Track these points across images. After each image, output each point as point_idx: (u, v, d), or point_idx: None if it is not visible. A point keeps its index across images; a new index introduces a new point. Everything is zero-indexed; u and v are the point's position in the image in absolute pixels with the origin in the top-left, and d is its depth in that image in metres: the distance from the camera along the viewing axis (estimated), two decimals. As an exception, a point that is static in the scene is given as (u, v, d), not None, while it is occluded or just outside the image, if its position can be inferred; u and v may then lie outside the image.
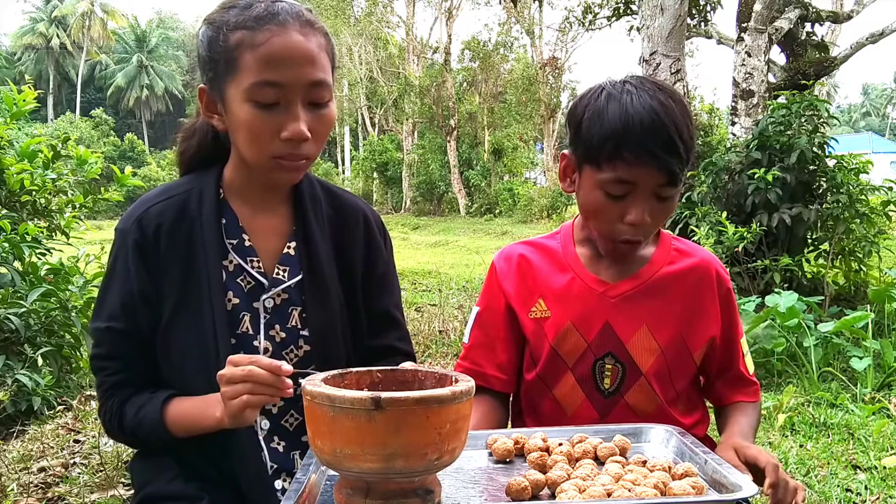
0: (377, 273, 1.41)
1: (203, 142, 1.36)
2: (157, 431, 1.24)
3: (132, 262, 1.25)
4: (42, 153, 4.01)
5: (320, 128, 1.22)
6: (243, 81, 1.17)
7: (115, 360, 1.27)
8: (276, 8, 1.18)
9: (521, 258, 1.47)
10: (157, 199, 1.29)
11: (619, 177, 1.26)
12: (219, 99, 1.23)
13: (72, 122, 37.42)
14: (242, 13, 1.18)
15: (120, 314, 1.25)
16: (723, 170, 5.55)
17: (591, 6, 12.72)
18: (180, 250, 1.26)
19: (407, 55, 30.25)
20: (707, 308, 1.41)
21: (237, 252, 1.30)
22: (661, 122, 1.24)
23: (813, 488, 2.67)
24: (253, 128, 1.18)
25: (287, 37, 1.16)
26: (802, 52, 8.65)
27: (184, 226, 1.27)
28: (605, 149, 1.26)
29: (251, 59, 1.16)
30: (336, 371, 0.99)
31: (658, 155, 1.24)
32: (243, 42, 1.16)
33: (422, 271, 9.68)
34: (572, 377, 1.40)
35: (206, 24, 1.23)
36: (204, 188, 1.30)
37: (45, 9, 49.82)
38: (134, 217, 1.27)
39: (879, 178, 5.71)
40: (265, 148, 1.20)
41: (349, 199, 1.43)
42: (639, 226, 1.29)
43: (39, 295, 3.52)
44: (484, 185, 26.97)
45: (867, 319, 4.19)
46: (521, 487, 0.99)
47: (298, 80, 1.17)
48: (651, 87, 1.29)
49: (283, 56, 1.16)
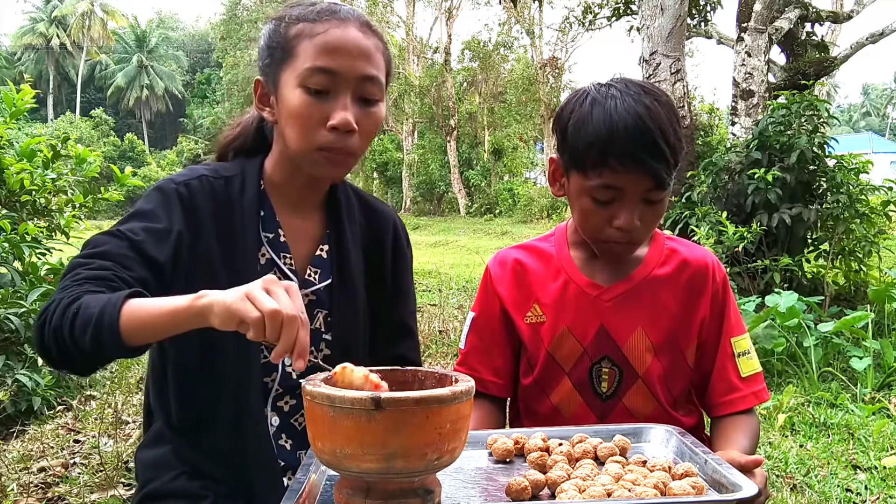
0: (399, 283, 1.43)
1: (245, 131, 1.37)
2: (103, 318, 0.99)
3: (175, 209, 1.20)
4: (42, 153, 4.01)
5: (368, 124, 1.23)
6: (298, 67, 1.19)
7: (107, 259, 1.10)
8: (339, 7, 1.24)
9: (515, 263, 1.46)
10: (208, 173, 1.28)
11: (605, 183, 1.25)
12: (272, 88, 1.25)
13: (72, 122, 37.43)
14: (306, 8, 1.23)
15: (140, 231, 1.15)
16: (723, 170, 5.55)
17: (591, 6, 12.71)
18: (222, 234, 1.24)
19: (407, 55, 30.23)
20: (698, 307, 1.39)
21: (271, 246, 1.30)
22: (646, 127, 1.22)
23: (813, 488, 2.67)
24: (302, 114, 1.20)
25: (345, 30, 1.20)
26: (802, 52, 8.65)
27: (226, 209, 1.26)
28: (590, 155, 1.25)
29: (308, 46, 1.19)
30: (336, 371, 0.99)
31: (644, 161, 1.22)
32: (303, 32, 1.21)
33: (422, 271, 9.67)
34: (569, 382, 1.39)
35: (268, 21, 1.28)
36: (247, 176, 1.30)
37: (45, 9, 49.81)
38: (184, 177, 1.25)
39: (879, 178, 5.71)
40: (312, 136, 1.20)
41: (381, 208, 1.45)
42: (628, 230, 1.28)
43: (39, 295, 3.52)
44: (484, 185, 26.97)
45: (867, 319, 4.19)
46: (521, 487, 0.99)
47: (351, 71, 1.19)
48: (636, 91, 1.27)
49: (339, 45, 1.19)
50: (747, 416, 1.38)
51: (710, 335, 1.40)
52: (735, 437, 1.32)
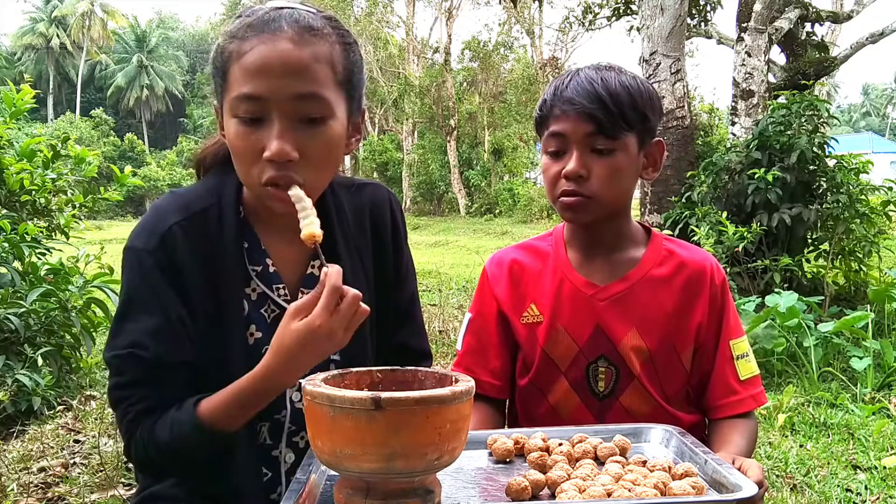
0: (399, 269, 1.35)
1: (218, 151, 1.26)
2: (200, 435, 1.09)
3: (162, 286, 1.13)
4: (42, 153, 4.01)
5: (314, 147, 1.09)
6: (230, 94, 1.09)
7: (140, 388, 1.13)
8: (274, 15, 1.10)
9: (512, 263, 1.46)
10: (178, 216, 1.16)
11: (551, 131, 1.34)
12: (220, 115, 1.15)
13: (72, 122, 37.41)
14: (241, 22, 1.11)
15: (149, 342, 1.11)
16: (723, 170, 5.55)
17: (591, 6, 12.71)
18: (206, 280, 1.16)
19: (407, 55, 30.24)
20: (695, 309, 1.39)
21: (262, 279, 1.21)
22: (590, 79, 1.32)
23: (813, 488, 2.67)
24: (237, 146, 1.10)
25: (271, 46, 1.07)
26: (802, 52, 8.64)
27: (206, 250, 1.16)
28: (542, 113, 1.36)
29: (237, 70, 1.08)
30: (336, 371, 0.99)
31: (580, 104, 1.30)
32: (233, 54, 1.09)
33: (422, 271, 9.67)
34: (566, 382, 1.39)
35: (218, 36, 1.17)
36: (224, 206, 1.19)
37: (45, 9, 49.80)
38: (155, 235, 1.14)
39: (879, 178, 5.71)
40: (252, 171, 1.10)
41: (372, 192, 1.36)
42: (573, 178, 1.31)
43: (39, 295, 3.52)
44: (484, 185, 26.96)
45: (867, 319, 4.19)
46: (521, 487, 0.99)
47: (279, 93, 1.06)
48: (602, 66, 1.36)
49: (262, 66, 1.06)
50: (746, 419, 1.38)
51: (708, 338, 1.40)
52: (733, 440, 1.31)
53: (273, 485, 1.26)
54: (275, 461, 1.26)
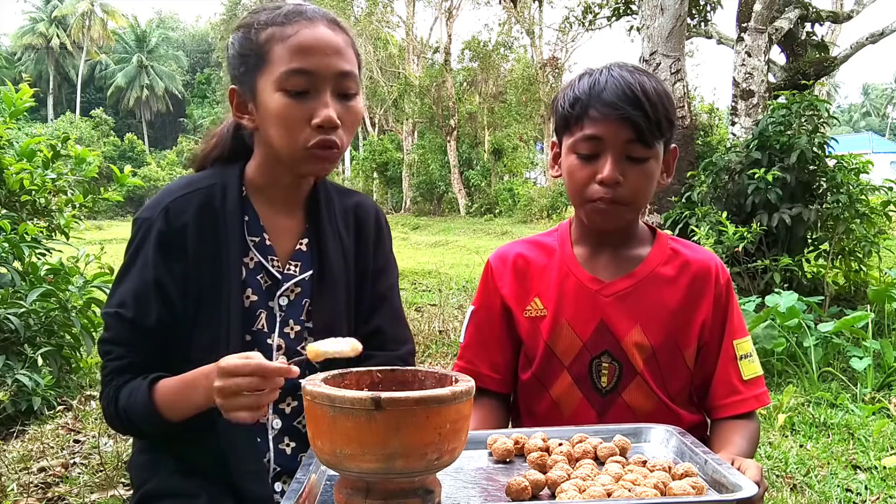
0: (379, 262, 1.45)
1: (222, 141, 1.39)
2: (149, 415, 1.22)
3: (152, 252, 1.26)
4: (42, 153, 4.01)
5: (349, 118, 1.27)
6: (274, 72, 1.22)
7: (120, 346, 1.27)
8: (304, 7, 1.27)
9: (517, 257, 1.47)
10: (183, 190, 1.30)
11: (586, 134, 1.30)
12: (249, 95, 1.27)
13: (72, 122, 37.39)
14: (272, 13, 1.26)
15: (130, 302, 1.25)
16: (723, 170, 5.55)
17: (591, 6, 12.70)
18: (206, 246, 1.28)
19: (407, 55, 30.22)
20: (700, 308, 1.39)
21: (258, 250, 1.33)
22: (627, 83, 1.29)
23: (813, 488, 2.67)
24: (285, 116, 1.23)
25: (315, 29, 1.24)
26: (802, 52, 8.65)
27: (208, 220, 1.29)
28: (574, 111, 1.32)
29: (282, 49, 1.22)
30: (336, 371, 1.00)
31: (623, 109, 1.27)
32: (274, 36, 1.23)
33: (422, 271, 9.68)
34: (569, 376, 1.39)
35: (236, 30, 1.30)
36: (228, 184, 1.32)
37: (45, 9, 49.78)
38: (160, 207, 1.28)
39: (879, 178, 5.71)
40: (298, 137, 1.23)
41: (361, 200, 1.49)
42: (610, 184, 1.29)
43: (39, 295, 3.52)
44: (484, 185, 26.96)
45: (867, 319, 4.19)
46: (521, 487, 0.99)
47: (328, 69, 1.23)
48: (630, 67, 1.34)
49: (313, 45, 1.22)
50: (748, 419, 1.37)
51: (712, 337, 1.40)
52: (734, 441, 1.31)
53: (261, 452, 1.30)
54: (261, 427, 1.31)
